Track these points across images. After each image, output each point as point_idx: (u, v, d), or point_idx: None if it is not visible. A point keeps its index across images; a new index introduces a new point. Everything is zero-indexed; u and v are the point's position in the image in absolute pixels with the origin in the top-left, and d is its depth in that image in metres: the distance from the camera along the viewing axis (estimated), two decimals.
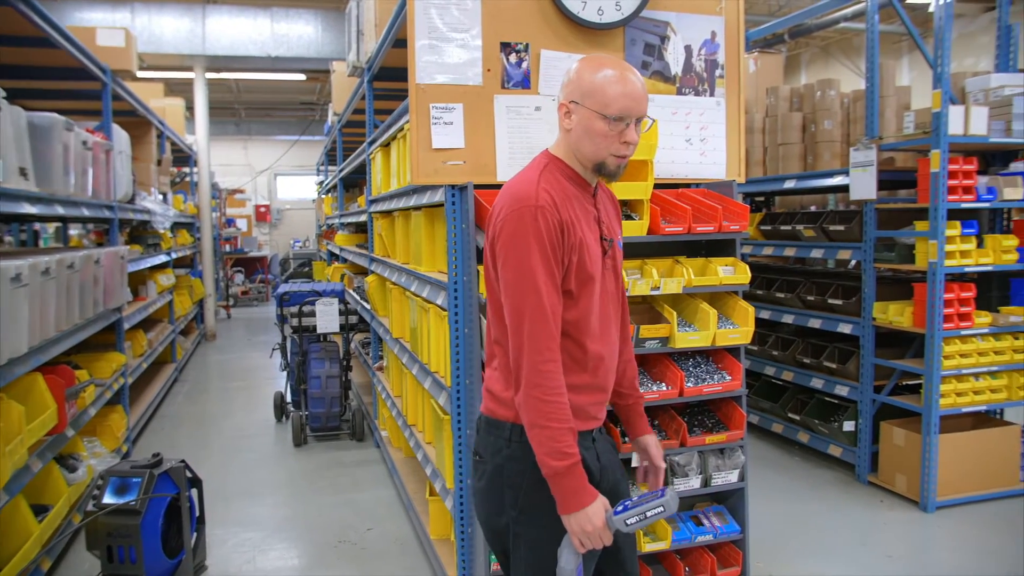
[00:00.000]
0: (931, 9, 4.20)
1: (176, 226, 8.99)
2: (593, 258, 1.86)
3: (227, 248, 15.85)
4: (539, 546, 1.87)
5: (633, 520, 1.77)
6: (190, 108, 11.12)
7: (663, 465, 2.14)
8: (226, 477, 5.03)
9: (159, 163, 7.96)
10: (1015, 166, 4.43)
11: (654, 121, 2.91)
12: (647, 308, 3.14)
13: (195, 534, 3.56)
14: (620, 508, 1.79)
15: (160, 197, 7.69)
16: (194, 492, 3.57)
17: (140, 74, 7.60)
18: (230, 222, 17.01)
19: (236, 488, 4.83)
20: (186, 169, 11.29)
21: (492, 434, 1.93)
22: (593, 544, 1.77)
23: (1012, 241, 4.35)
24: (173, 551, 3.32)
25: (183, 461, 3.45)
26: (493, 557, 2.97)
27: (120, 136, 5.50)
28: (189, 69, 10.74)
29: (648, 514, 1.77)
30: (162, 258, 7.46)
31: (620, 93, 1.79)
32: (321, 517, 4.38)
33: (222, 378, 8.51)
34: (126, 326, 5.56)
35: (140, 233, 7.19)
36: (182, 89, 12.36)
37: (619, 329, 2.02)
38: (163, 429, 6.29)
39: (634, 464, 2.97)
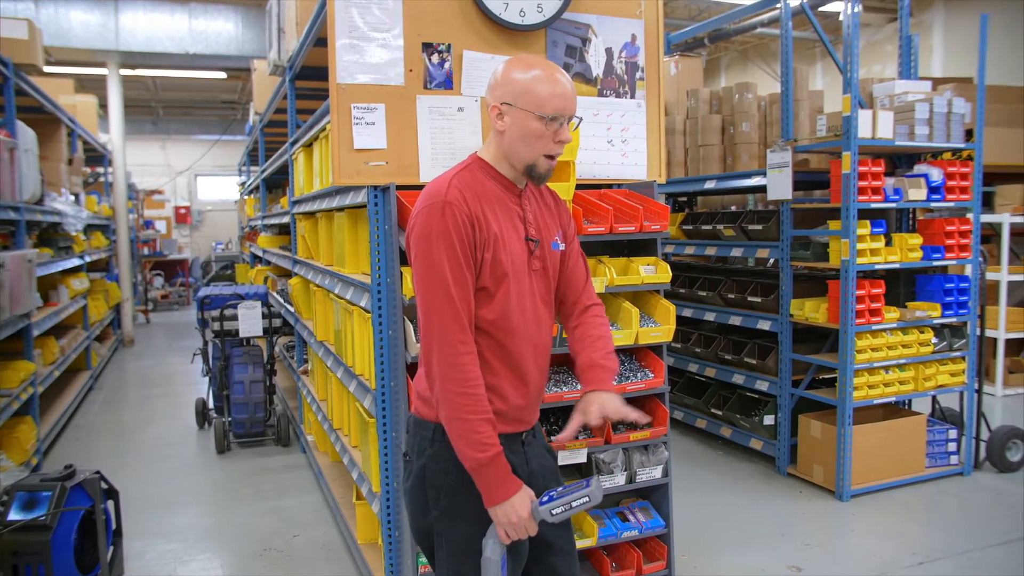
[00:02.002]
0: (841, 18, 4.36)
1: (90, 228, 8.65)
2: (511, 256, 1.86)
3: (145, 251, 15.35)
4: (460, 546, 1.87)
5: (559, 510, 1.77)
6: (104, 106, 10.71)
7: (594, 422, 1.90)
8: (146, 487, 4.86)
9: (70, 162, 7.65)
10: (919, 168, 4.64)
11: (580, 120, 2.96)
12: None
13: (111, 548, 3.43)
14: (545, 499, 1.79)
15: (72, 198, 7.39)
16: (110, 504, 3.44)
17: (48, 69, 7.30)
18: (148, 224, 16.48)
19: (156, 498, 4.68)
20: (100, 169, 10.86)
21: (418, 434, 1.93)
22: (519, 535, 1.77)
23: (917, 240, 4.56)
24: (88, 567, 3.20)
25: (98, 472, 3.33)
26: (421, 560, 2.96)
27: (26, 134, 5.26)
28: (102, 65, 10.33)
29: (574, 504, 1.77)
30: (75, 261, 7.16)
31: (553, 93, 1.81)
32: (246, 525, 4.28)
33: (141, 385, 8.22)
34: (35, 333, 5.33)
35: (50, 235, 6.88)
36: (95, 86, 11.91)
37: (551, 331, 2.01)
38: (78, 440, 6.05)
39: (562, 462, 3.01)
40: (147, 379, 8.50)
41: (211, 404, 6.30)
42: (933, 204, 4.57)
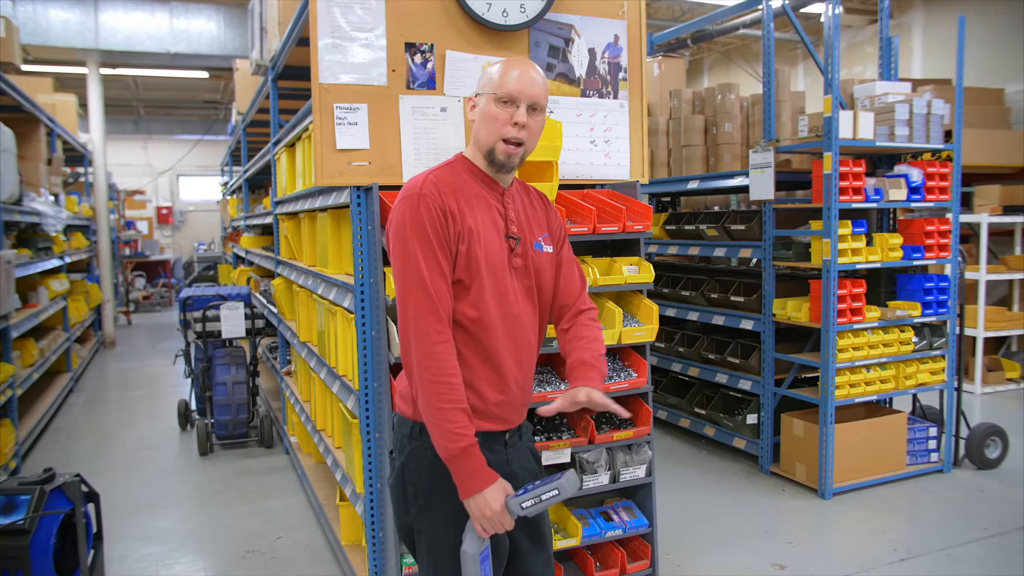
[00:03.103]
0: (822, 20, 4.40)
1: (70, 229, 8.57)
2: (487, 250, 1.87)
3: (127, 251, 15.22)
4: (437, 544, 1.88)
5: (529, 503, 1.75)
6: (84, 105, 10.61)
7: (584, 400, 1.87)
8: (127, 490, 4.82)
9: (49, 162, 7.57)
10: (899, 168, 4.68)
11: (551, 112, 2.95)
12: None
13: (92, 552, 3.39)
14: (521, 492, 1.78)
15: (51, 198, 7.32)
16: (91, 507, 3.40)
17: (26, 68, 7.23)
18: (129, 224, 16.34)
19: (138, 501, 4.64)
20: (80, 169, 10.76)
21: (400, 431, 1.95)
22: (494, 528, 1.77)
23: (897, 239, 4.60)
24: (68, 571, 3.16)
25: (78, 475, 3.29)
26: (405, 561, 2.95)
27: (3, 133, 5.21)
28: (82, 64, 10.23)
29: (543, 497, 1.76)
30: (54, 262, 7.09)
31: (512, 76, 1.86)
32: (228, 527, 4.25)
33: (122, 387, 8.15)
34: (14, 334, 5.27)
35: (29, 236, 6.81)
36: (75, 85, 11.79)
37: (535, 329, 2.01)
38: (57, 443, 5.98)
39: (546, 461, 3.01)
40: (128, 381, 8.43)
41: (194, 406, 6.25)
42: (913, 204, 4.61)
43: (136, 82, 13.74)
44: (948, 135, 4.78)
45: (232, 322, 5.66)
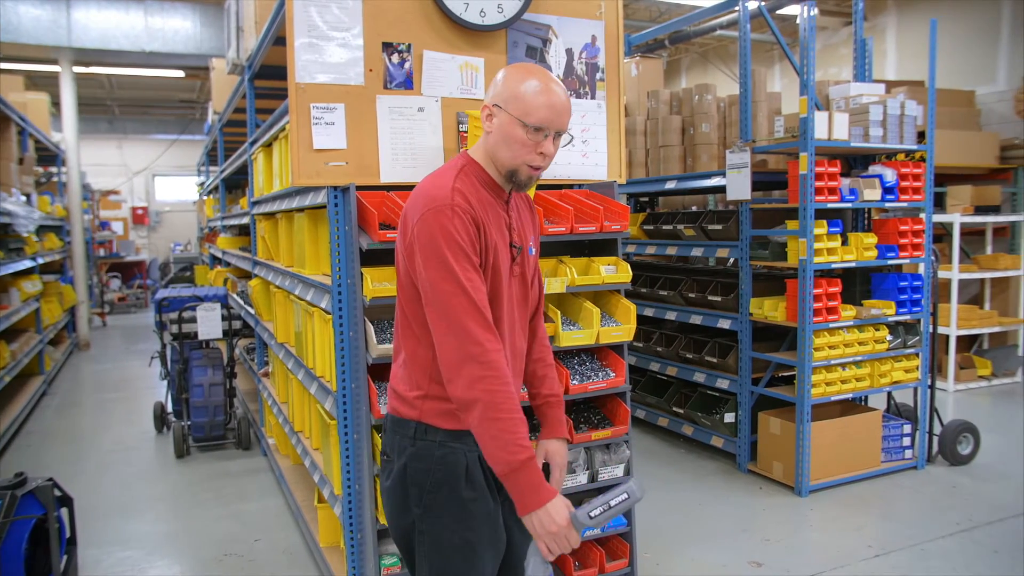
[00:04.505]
0: (798, 21, 4.44)
1: (43, 229, 8.46)
2: (503, 262, 1.87)
3: (101, 252, 15.05)
4: (441, 544, 1.86)
5: (597, 512, 1.68)
6: (57, 104, 10.47)
7: (556, 474, 2.04)
8: (102, 494, 4.76)
9: (21, 162, 7.48)
10: (873, 169, 4.74)
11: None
12: None
13: (65, 557, 3.35)
14: (586, 506, 1.72)
15: (23, 198, 7.22)
16: (64, 512, 3.36)
17: None
18: (104, 225, 16.15)
19: (113, 505, 4.59)
20: (53, 169, 10.63)
21: (397, 433, 1.91)
22: (560, 547, 1.69)
23: (872, 239, 4.65)
24: None
25: (51, 479, 3.24)
26: (384, 563, 2.94)
27: None
28: (54, 62, 10.09)
29: (612, 503, 1.69)
30: (27, 263, 7.00)
31: (543, 104, 1.79)
32: (205, 530, 4.21)
33: (97, 390, 8.05)
34: None
35: (0, 237, 6.72)
36: (47, 83, 11.65)
37: (525, 335, 2.03)
38: (29, 446, 5.90)
39: None
40: (103, 383, 8.33)
41: (170, 408, 6.19)
42: (887, 204, 4.67)
43: (110, 81, 13.58)
44: (921, 136, 4.85)
45: (209, 323, 5.61)
